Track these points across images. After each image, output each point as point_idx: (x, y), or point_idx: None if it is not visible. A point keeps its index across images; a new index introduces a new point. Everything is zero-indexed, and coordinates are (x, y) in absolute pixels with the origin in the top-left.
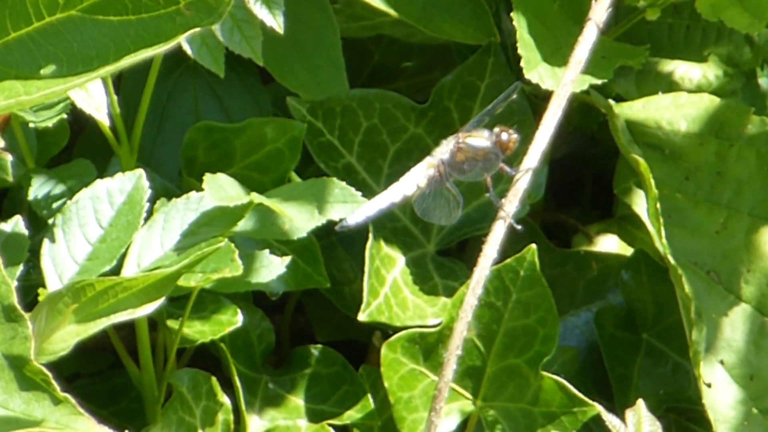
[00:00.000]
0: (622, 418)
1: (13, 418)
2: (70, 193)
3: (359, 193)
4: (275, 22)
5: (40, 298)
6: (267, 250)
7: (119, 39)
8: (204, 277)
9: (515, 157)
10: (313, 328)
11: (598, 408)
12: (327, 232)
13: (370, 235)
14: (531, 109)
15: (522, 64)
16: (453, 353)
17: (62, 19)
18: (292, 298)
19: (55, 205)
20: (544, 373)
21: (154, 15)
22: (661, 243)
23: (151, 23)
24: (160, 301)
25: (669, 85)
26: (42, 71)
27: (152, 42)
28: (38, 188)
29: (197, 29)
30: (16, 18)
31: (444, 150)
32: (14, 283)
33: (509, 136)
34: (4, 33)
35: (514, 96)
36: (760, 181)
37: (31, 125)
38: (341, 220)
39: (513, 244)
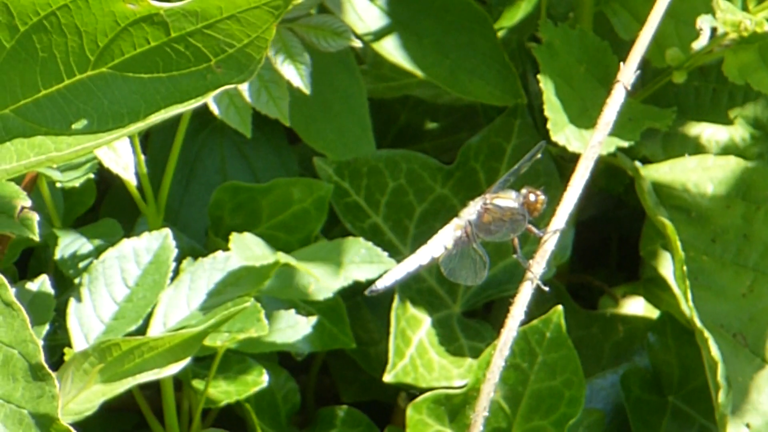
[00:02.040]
0: None
1: None
2: (97, 252)
3: (385, 254)
4: (302, 82)
5: (66, 358)
6: (293, 310)
7: (150, 96)
8: (230, 337)
9: (542, 219)
10: (338, 388)
11: None
12: (353, 293)
13: (396, 296)
14: (557, 170)
15: (549, 126)
16: (480, 414)
17: (93, 77)
18: (317, 359)
19: (81, 265)
20: None
21: (185, 72)
22: (687, 305)
23: (181, 80)
24: (185, 361)
25: (695, 147)
26: (72, 127)
27: (183, 99)
28: (65, 247)
29: (227, 87)
30: (47, 75)
31: (471, 211)
32: (41, 342)
33: (536, 197)
34: (35, 90)
35: (539, 155)
36: None
37: (58, 185)
38: (369, 283)
39: (539, 305)
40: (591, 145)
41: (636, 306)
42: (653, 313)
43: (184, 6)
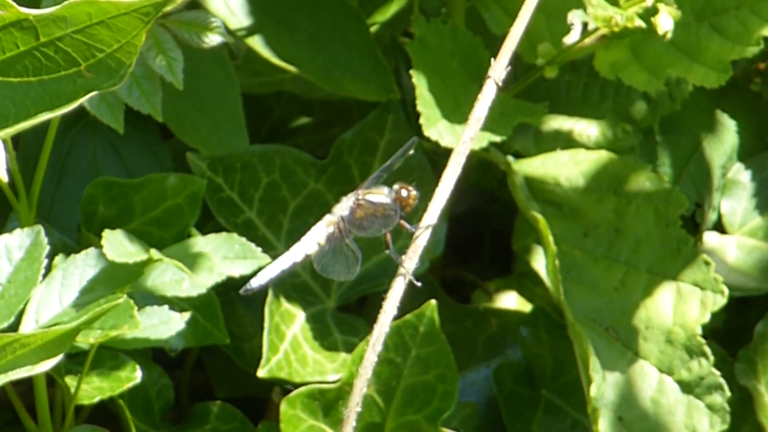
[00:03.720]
0: None
1: None
2: None
3: (259, 249)
4: (174, 78)
5: None
6: (166, 306)
7: (19, 100)
8: (103, 334)
9: (415, 214)
10: (212, 384)
11: None
12: (227, 289)
13: (270, 292)
14: (431, 165)
15: (421, 121)
16: (353, 410)
17: None
18: (191, 355)
19: None
20: (444, 429)
21: (54, 77)
22: (559, 299)
23: (51, 85)
24: (58, 358)
25: (567, 142)
26: None
27: (53, 104)
28: None
29: (98, 92)
30: None
31: (344, 207)
32: None
33: (408, 192)
34: None
35: (412, 151)
36: (658, 238)
37: None
38: (243, 279)
39: (412, 300)
40: (463, 140)
41: (509, 300)
42: (526, 307)
43: (53, 12)
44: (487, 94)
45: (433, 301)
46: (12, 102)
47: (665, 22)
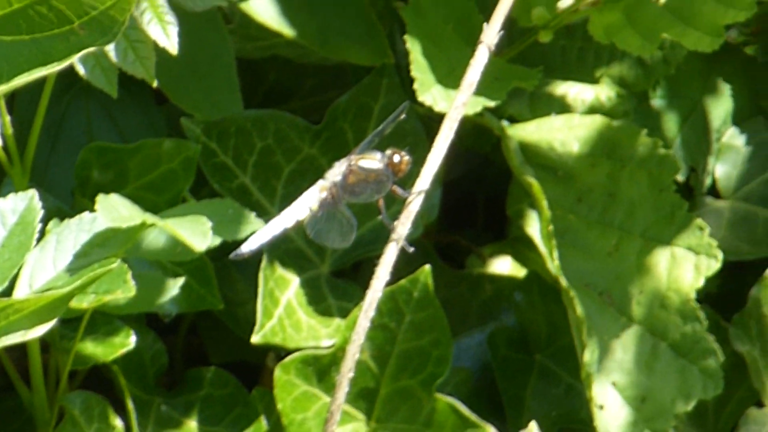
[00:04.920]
0: None
1: None
2: None
3: (253, 214)
4: (169, 42)
5: None
6: (160, 271)
7: (12, 58)
8: (96, 299)
9: (408, 179)
10: (206, 349)
11: (491, 429)
12: (221, 254)
13: (264, 257)
14: (425, 130)
15: (415, 86)
16: (345, 375)
17: None
18: (185, 320)
19: None
20: (438, 395)
21: (47, 35)
22: (553, 264)
23: (44, 43)
24: (52, 323)
25: (562, 106)
26: None
27: (46, 61)
28: None
29: (91, 49)
30: None
31: (336, 172)
32: None
33: (401, 158)
34: None
35: (404, 116)
36: (652, 203)
37: None
38: (237, 243)
39: (406, 265)
40: (456, 105)
41: (503, 265)
42: (520, 272)
43: None
44: (480, 58)
45: (427, 267)
46: (5, 60)
47: None
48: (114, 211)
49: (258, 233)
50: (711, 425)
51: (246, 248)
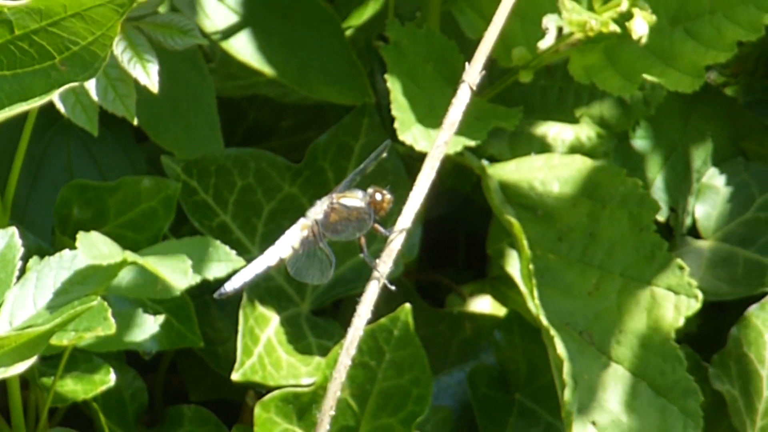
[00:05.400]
0: None
1: None
2: None
3: (233, 252)
4: (149, 80)
5: None
6: (140, 309)
7: None
8: (76, 336)
9: (389, 217)
10: (186, 387)
11: None
12: (201, 291)
13: (244, 295)
14: (405, 169)
15: (396, 125)
16: (326, 413)
17: None
18: (165, 358)
19: None
20: None
21: (29, 70)
22: (533, 303)
23: (26, 78)
24: (32, 360)
25: (542, 146)
26: None
27: (27, 97)
28: None
29: (72, 84)
30: None
31: (317, 210)
32: None
33: (383, 196)
34: None
35: (385, 154)
36: (632, 243)
37: None
38: (217, 282)
39: (387, 303)
40: (437, 144)
41: (483, 304)
42: (500, 311)
43: (28, 4)
44: (462, 98)
45: (408, 305)
46: None
47: (640, 26)
48: (94, 248)
49: (241, 272)
50: None
51: (230, 287)
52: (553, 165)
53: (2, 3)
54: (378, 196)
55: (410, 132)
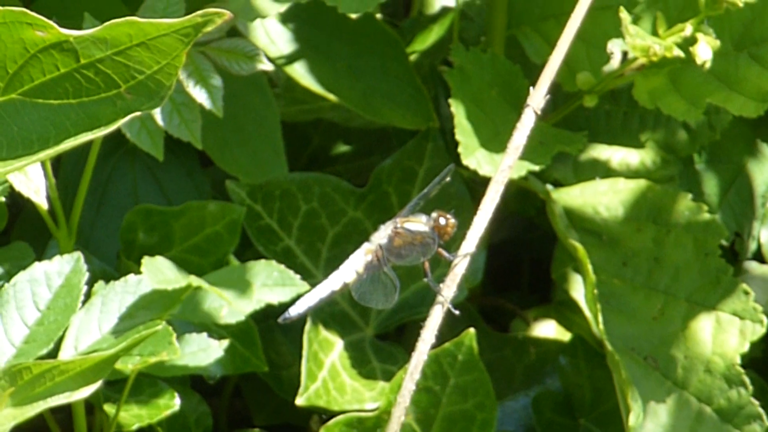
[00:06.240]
0: None
1: None
2: (8, 275)
3: (298, 277)
4: (214, 105)
5: None
6: (205, 334)
7: (59, 122)
8: (141, 361)
9: (453, 242)
10: (250, 411)
11: None
12: (265, 316)
13: (308, 320)
14: (469, 193)
15: (460, 150)
16: None
17: (2, 103)
18: (229, 382)
19: None
20: None
21: (94, 99)
22: (598, 328)
23: (91, 107)
24: (97, 385)
25: (607, 171)
26: None
27: (93, 126)
28: None
29: (138, 113)
30: None
31: (382, 235)
32: None
33: (447, 221)
34: None
35: (448, 179)
36: (697, 267)
37: None
38: (282, 306)
39: (451, 328)
40: (501, 168)
41: (548, 329)
42: (565, 336)
43: (93, 33)
44: (526, 122)
45: (472, 330)
46: (52, 124)
47: (704, 51)
48: (159, 273)
49: (306, 296)
50: None
51: (294, 311)
52: (618, 190)
53: (68, 32)
54: (442, 221)
55: (474, 156)
